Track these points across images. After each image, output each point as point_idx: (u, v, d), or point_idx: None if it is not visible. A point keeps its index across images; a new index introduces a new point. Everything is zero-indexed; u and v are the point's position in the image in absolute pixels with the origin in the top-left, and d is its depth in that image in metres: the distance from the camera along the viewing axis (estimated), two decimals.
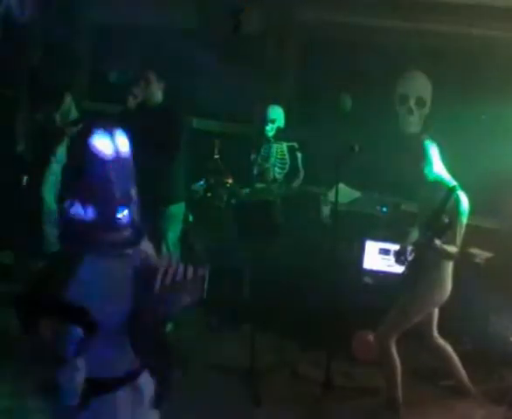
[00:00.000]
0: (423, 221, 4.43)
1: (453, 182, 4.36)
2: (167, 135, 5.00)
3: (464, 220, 4.29)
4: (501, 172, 5.60)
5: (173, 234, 5.22)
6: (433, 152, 4.39)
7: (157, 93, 5.19)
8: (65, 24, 7.41)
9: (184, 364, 4.77)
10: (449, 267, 4.41)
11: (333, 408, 4.52)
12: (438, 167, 4.40)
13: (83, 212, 2.39)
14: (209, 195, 5.97)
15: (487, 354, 5.07)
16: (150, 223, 5.05)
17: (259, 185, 5.99)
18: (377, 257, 5.52)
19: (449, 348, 4.66)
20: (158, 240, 5.19)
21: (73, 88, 6.57)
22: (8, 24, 7.13)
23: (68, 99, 6.35)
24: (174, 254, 5.27)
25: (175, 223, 5.22)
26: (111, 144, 2.41)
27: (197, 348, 5.14)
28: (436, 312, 4.59)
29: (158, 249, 5.18)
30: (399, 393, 4.46)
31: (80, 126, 6.17)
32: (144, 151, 5.09)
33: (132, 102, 5.49)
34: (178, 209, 5.23)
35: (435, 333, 4.64)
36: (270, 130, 5.98)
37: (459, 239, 4.28)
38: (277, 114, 6.00)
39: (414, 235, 4.56)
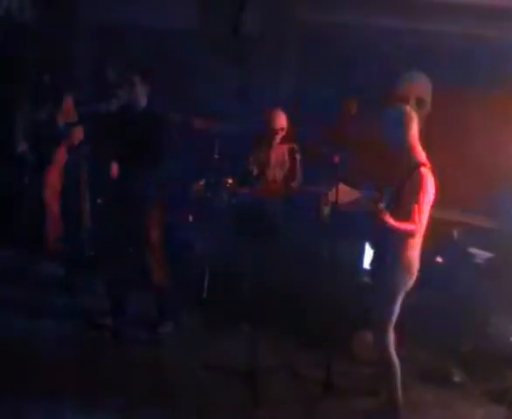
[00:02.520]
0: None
1: (422, 159, 4.26)
2: (150, 138, 5.00)
3: (427, 198, 4.14)
4: (502, 172, 5.61)
5: (157, 234, 5.23)
6: (413, 120, 4.27)
7: (142, 96, 5.16)
8: (65, 24, 7.43)
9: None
10: (414, 246, 4.25)
11: (333, 408, 4.52)
12: (414, 138, 4.28)
13: None
14: (209, 195, 5.97)
15: (487, 354, 5.07)
16: (133, 222, 5.12)
17: (258, 185, 5.98)
18: None
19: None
20: (143, 239, 5.21)
21: (74, 89, 6.52)
22: (8, 24, 7.15)
23: (69, 100, 6.34)
24: (158, 253, 5.27)
25: (157, 223, 5.22)
26: None
27: (197, 348, 5.14)
28: None
29: (142, 248, 5.24)
30: (399, 392, 4.46)
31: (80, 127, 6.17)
32: (127, 152, 5.14)
33: (115, 104, 5.47)
34: (160, 211, 5.23)
35: None
36: (279, 137, 5.97)
37: (417, 217, 4.08)
38: (284, 121, 5.97)
39: None
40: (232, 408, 4.45)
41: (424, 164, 4.23)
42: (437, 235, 5.45)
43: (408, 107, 4.36)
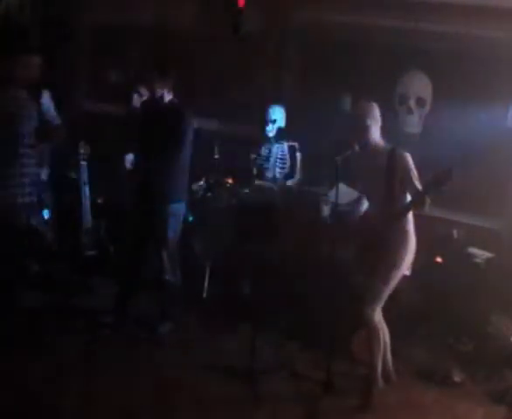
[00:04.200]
0: (374, 189, 4.49)
1: (391, 145, 4.45)
2: (172, 134, 4.99)
3: (415, 171, 4.34)
4: (502, 172, 5.60)
5: (173, 232, 5.21)
6: (377, 113, 4.49)
7: (163, 92, 5.16)
8: (65, 24, 7.43)
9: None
10: (412, 222, 4.45)
11: (333, 408, 4.52)
12: (378, 131, 4.49)
13: None
14: (209, 195, 5.98)
15: (487, 354, 5.07)
16: (151, 220, 5.12)
17: (258, 185, 5.99)
18: None
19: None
20: (158, 238, 5.20)
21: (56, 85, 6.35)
22: (8, 25, 7.14)
23: (46, 96, 6.03)
24: (173, 253, 5.27)
25: (175, 221, 5.21)
26: None
27: (197, 348, 5.14)
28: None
29: (158, 247, 5.23)
30: (379, 359, 4.56)
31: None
32: (149, 148, 5.13)
33: (137, 100, 5.45)
34: (178, 208, 5.22)
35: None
36: (270, 130, 6.01)
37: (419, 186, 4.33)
38: (278, 115, 6.02)
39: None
40: (232, 408, 4.45)
41: (394, 148, 4.41)
42: (437, 235, 5.47)
43: (371, 103, 4.55)
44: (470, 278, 5.26)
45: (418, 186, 4.30)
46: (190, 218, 5.94)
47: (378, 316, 4.54)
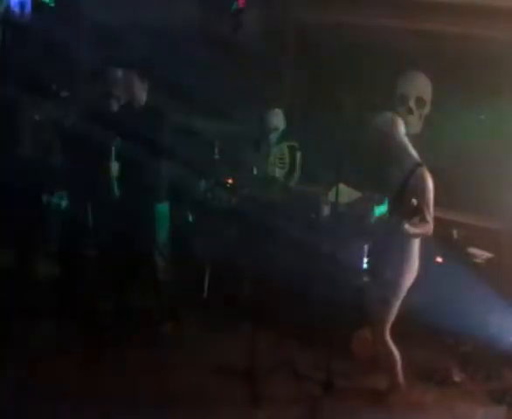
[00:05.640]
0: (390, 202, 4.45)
1: (418, 159, 4.38)
2: (150, 136, 4.99)
3: (431, 196, 4.26)
4: (502, 172, 5.61)
5: (161, 232, 5.23)
6: (400, 124, 4.43)
7: (141, 94, 5.16)
8: (65, 24, 7.42)
9: None
10: (416, 244, 4.41)
11: (333, 408, 4.52)
12: (404, 140, 4.43)
13: None
14: (209, 195, 5.98)
15: (487, 354, 5.07)
16: (137, 221, 5.12)
17: (258, 185, 5.99)
18: None
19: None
20: (147, 238, 5.21)
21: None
22: (8, 25, 7.14)
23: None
24: (163, 252, 5.28)
25: (161, 222, 5.23)
26: None
27: (197, 348, 5.14)
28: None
29: (147, 247, 5.23)
30: (401, 378, 4.56)
31: None
32: (129, 152, 5.13)
33: (114, 103, 5.44)
34: (163, 209, 5.24)
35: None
36: (274, 137, 5.99)
37: (429, 216, 4.27)
38: (279, 120, 6.00)
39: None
40: (232, 408, 4.45)
41: (420, 164, 4.33)
42: (437, 235, 5.46)
43: (394, 114, 4.54)
44: (470, 278, 5.26)
45: (427, 214, 4.23)
46: (190, 218, 5.94)
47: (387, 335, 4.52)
